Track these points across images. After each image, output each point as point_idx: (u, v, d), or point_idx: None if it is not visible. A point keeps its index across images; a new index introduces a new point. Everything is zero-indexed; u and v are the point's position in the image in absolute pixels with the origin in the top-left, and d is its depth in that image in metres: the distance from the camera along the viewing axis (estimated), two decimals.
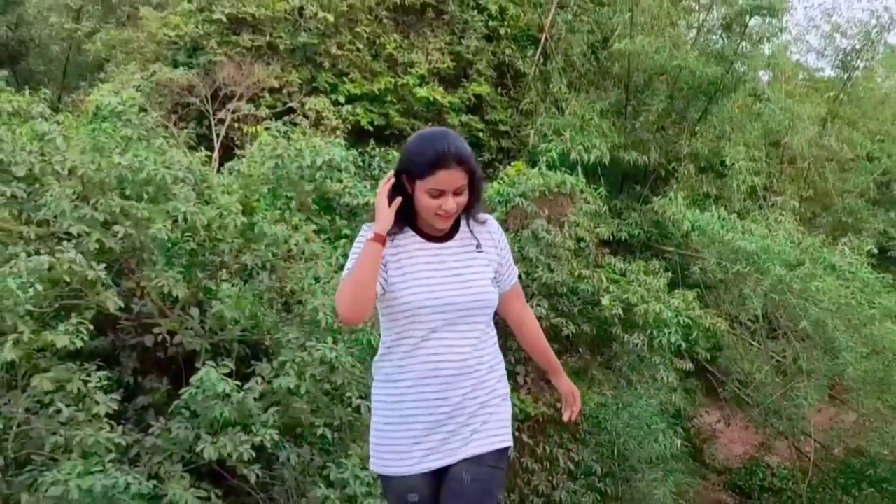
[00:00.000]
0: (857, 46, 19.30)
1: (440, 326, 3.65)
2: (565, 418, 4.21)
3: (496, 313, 4.01)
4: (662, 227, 14.72)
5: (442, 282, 3.68)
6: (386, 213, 3.62)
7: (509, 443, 3.80)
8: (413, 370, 3.68)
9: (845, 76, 19.82)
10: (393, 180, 3.70)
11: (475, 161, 3.76)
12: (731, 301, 14.33)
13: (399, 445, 3.71)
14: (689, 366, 13.10)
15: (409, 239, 3.78)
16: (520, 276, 11.16)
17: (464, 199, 3.69)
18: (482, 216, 3.92)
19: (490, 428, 3.72)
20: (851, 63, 19.60)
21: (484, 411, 3.73)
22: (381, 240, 3.58)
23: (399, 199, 3.67)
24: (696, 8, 17.71)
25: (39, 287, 8.01)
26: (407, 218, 3.76)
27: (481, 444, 3.68)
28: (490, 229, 3.94)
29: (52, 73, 16.89)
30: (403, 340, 3.71)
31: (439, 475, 3.71)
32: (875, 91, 20.63)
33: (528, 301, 10.63)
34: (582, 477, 11.63)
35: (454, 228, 3.84)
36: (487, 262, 3.83)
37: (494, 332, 3.89)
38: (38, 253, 8.38)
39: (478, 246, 3.84)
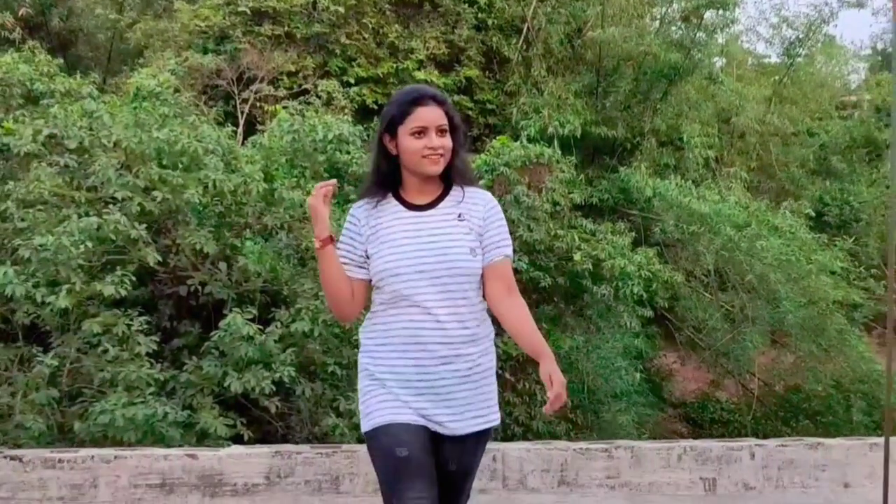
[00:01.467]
0: (800, 36, 19.25)
1: (417, 293, 3.23)
2: (546, 409, 3.31)
3: None
4: (628, 193, 14.65)
5: (417, 248, 3.26)
6: (320, 218, 3.28)
7: (493, 423, 3.36)
8: (393, 337, 3.27)
9: (789, 62, 19.72)
10: (325, 187, 3.33)
11: (453, 109, 3.43)
12: (687, 258, 14.36)
13: (384, 399, 3.25)
14: (649, 313, 13.07)
15: (390, 208, 3.38)
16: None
17: (449, 143, 3.30)
18: (472, 189, 3.46)
19: (472, 409, 3.27)
20: (795, 51, 19.53)
21: (465, 388, 3.27)
22: (325, 244, 3.28)
23: (329, 192, 3.31)
24: (659, 1, 17.61)
25: (89, 244, 8.06)
26: (392, 184, 3.40)
27: (464, 425, 3.25)
28: (479, 201, 3.42)
29: (99, 59, 16.72)
30: (385, 308, 3.31)
31: (426, 437, 3.23)
32: (815, 75, 20.60)
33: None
34: (558, 417, 11.64)
35: (441, 197, 3.39)
36: (468, 230, 3.33)
37: (481, 303, 3.39)
38: (87, 215, 8.43)
39: (459, 216, 3.34)
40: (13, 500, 5.43)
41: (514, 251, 10.77)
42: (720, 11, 16.64)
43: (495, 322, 3.48)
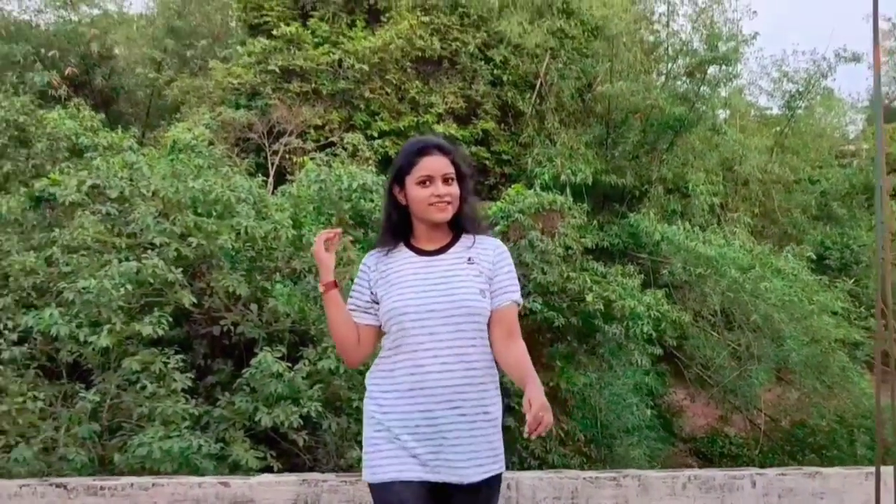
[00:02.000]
0: (800, 89, 19.29)
1: (425, 335, 3.12)
2: (526, 433, 3.03)
3: None
4: (637, 237, 14.62)
5: (426, 289, 3.16)
6: (323, 264, 3.25)
7: (501, 470, 3.24)
8: (400, 382, 3.16)
9: (790, 114, 19.70)
10: (326, 235, 3.28)
11: (461, 157, 3.37)
12: (694, 298, 14.24)
13: (388, 451, 3.13)
14: (659, 352, 13.04)
15: (401, 254, 3.30)
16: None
17: (456, 190, 3.23)
18: (482, 237, 3.39)
19: (480, 455, 3.14)
20: (795, 103, 19.53)
21: (473, 433, 3.13)
22: (329, 288, 3.23)
23: (333, 239, 3.29)
24: (665, 58, 17.70)
25: (129, 287, 8.14)
26: (403, 234, 3.33)
27: (473, 472, 3.11)
28: (489, 247, 3.36)
29: (138, 114, 16.93)
30: (392, 351, 3.20)
31: (429, 494, 3.13)
32: (814, 126, 20.60)
33: (524, 297, 10.63)
34: (570, 443, 11.54)
35: (451, 244, 3.31)
36: (478, 273, 3.24)
37: (488, 348, 3.25)
38: (127, 259, 8.52)
39: (469, 259, 3.26)
40: None
41: (529, 293, 10.81)
42: (723, 67, 16.74)
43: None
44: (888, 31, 29.79)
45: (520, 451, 10.98)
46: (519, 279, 10.42)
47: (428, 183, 3.20)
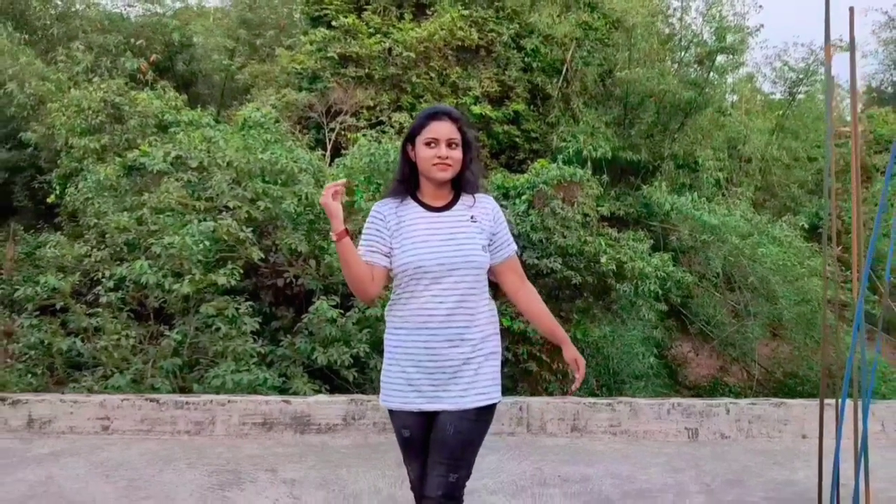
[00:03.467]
0: (800, 77, 19.15)
1: (434, 284, 3.15)
2: (575, 387, 3.42)
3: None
4: (649, 207, 14.58)
5: (437, 245, 3.17)
6: (334, 214, 3.11)
7: (494, 400, 3.24)
8: (408, 321, 3.18)
9: (791, 99, 19.63)
10: (334, 187, 3.14)
11: (469, 127, 3.33)
12: (698, 262, 14.20)
13: (396, 384, 3.21)
14: (664, 308, 13.06)
15: (411, 208, 3.26)
16: (534, 245, 10.97)
17: (458, 154, 3.22)
18: (481, 195, 3.40)
19: (477, 385, 3.17)
20: (796, 89, 19.43)
21: (469, 368, 3.18)
22: (341, 237, 3.14)
23: (342, 187, 3.15)
24: (677, 47, 17.62)
25: (207, 243, 8.41)
26: (412, 188, 3.30)
27: (467, 401, 3.15)
28: (487, 206, 3.37)
29: (214, 96, 17.01)
30: (403, 294, 3.21)
31: (429, 419, 3.22)
32: (813, 110, 20.32)
33: (546, 258, 10.79)
34: (584, 387, 11.72)
35: (453, 202, 3.31)
36: (480, 231, 3.26)
37: (487, 294, 3.33)
38: (205, 220, 8.80)
39: (472, 217, 3.28)
40: (151, 432, 5.91)
41: (550, 254, 10.92)
42: (730, 56, 16.73)
43: (510, 306, 3.50)
44: (885, 23, 29.46)
45: (540, 393, 11.14)
46: (542, 241, 10.54)
47: (433, 144, 3.18)
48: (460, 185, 3.32)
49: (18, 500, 4.60)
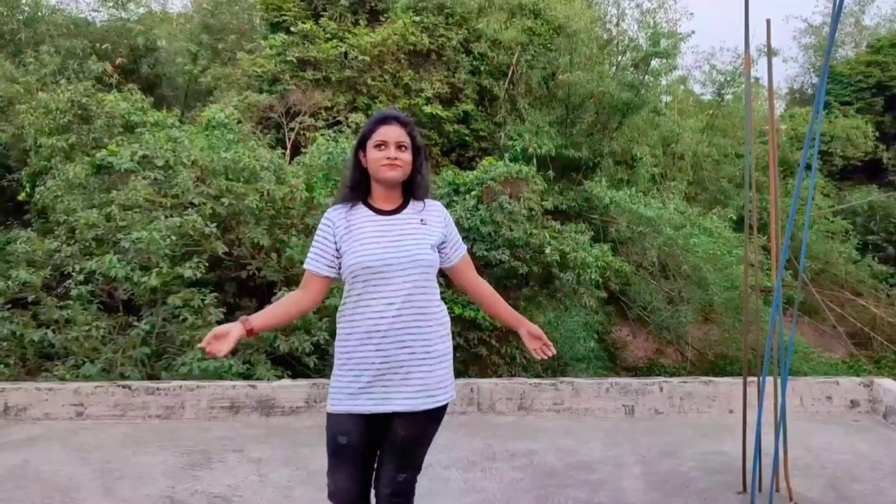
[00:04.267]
0: (728, 79, 19.47)
1: (383, 285, 2.99)
2: (540, 356, 3.37)
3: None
4: (590, 201, 14.73)
5: (385, 245, 3.04)
6: (229, 338, 2.87)
7: (444, 402, 3.11)
8: (358, 325, 3.01)
9: (719, 99, 19.97)
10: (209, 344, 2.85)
11: (417, 133, 3.20)
12: (636, 252, 14.36)
13: (348, 389, 3.04)
14: (604, 295, 13.15)
15: (361, 213, 3.11)
16: (483, 238, 11.03)
17: (407, 156, 3.10)
18: (430, 201, 3.27)
19: (428, 388, 3.04)
20: (724, 91, 19.76)
21: (421, 370, 3.04)
22: (250, 329, 2.96)
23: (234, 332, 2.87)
24: (615, 52, 17.84)
25: (173, 238, 8.39)
26: (362, 193, 3.15)
27: (418, 402, 3.02)
28: (437, 210, 3.25)
29: (178, 97, 16.87)
30: (351, 298, 3.04)
31: (373, 424, 3.06)
32: (740, 110, 20.55)
33: (495, 250, 10.88)
34: (531, 369, 11.82)
35: (403, 206, 3.18)
36: (430, 234, 3.15)
37: (436, 292, 3.18)
38: (172, 216, 8.76)
39: (422, 220, 3.16)
40: (124, 417, 5.90)
41: (499, 246, 10.95)
42: (664, 60, 16.99)
43: (460, 295, 3.40)
44: (804, 29, 30.06)
45: (489, 377, 11.24)
46: (491, 234, 10.55)
47: (383, 147, 3.06)
48: (410, 190, 3.20)
49: None
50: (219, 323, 8.27)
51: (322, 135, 11.97)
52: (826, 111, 22.51)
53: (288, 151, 12.93)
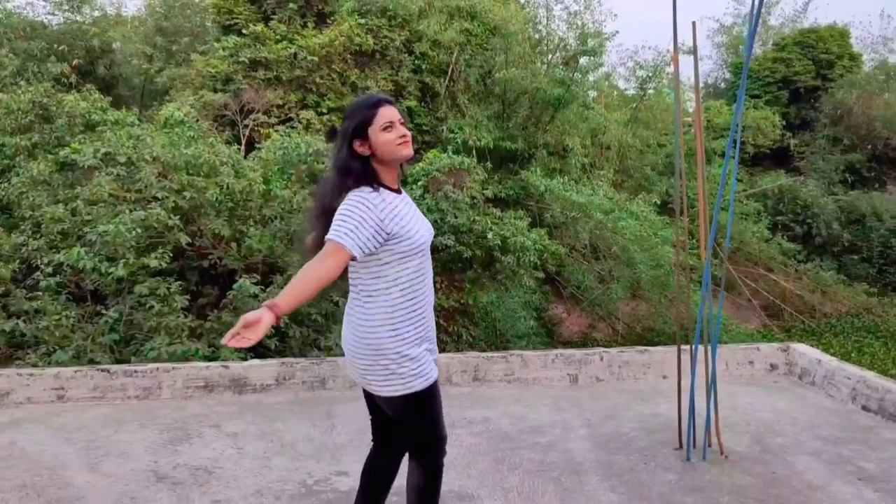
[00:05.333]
0: (650, 75, 19.76)
1: (425, 258, 2.96)
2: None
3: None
4: (527, 189, 14.85)
5: (422, 222, 2.97)
6: (261, 325, 2.59)
7: None
8: (425, 297, 2.94)
9: (642, 94, 20.23)
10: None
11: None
12: (569, 235, 14.49)
13: (427, 360, 2.97)
14: (542, 276, 13.33)
15: (389, 195, 2.88)
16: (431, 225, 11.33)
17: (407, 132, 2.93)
18: None
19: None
20: (646, 86, 20.02)
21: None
22: (278, 311, 2.63)
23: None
24: (547, 50, 18.01)
25: (138, 230, 8.24)
26: (374, 179, 2.88)
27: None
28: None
29: (135, 97, 16.59)
30: (404, 274, 2.87)
31: None
32: (660, 103, 20.87)
33: (441, 236, 10.95)
34: (477, 346, 11.84)
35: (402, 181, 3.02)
36: None
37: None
38: (136, 210, 8.64)
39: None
40: (104, 398, 5.85)
41: (445, 232, 11.03)
42: (591, 58, 17.20)
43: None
44: (717, 29, 30.63)
45: (441, 349, 11.29)
46: (437, 221, 10.62)
47: (391, 127, 2.87)
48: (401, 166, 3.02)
49: None
50: (183, 309, 8.34)
51: (276, 131, 11.88)
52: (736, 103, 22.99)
53: (243, 147, 12.78)
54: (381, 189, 2.88)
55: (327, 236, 2.77)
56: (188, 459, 4.63)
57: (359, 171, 2.89)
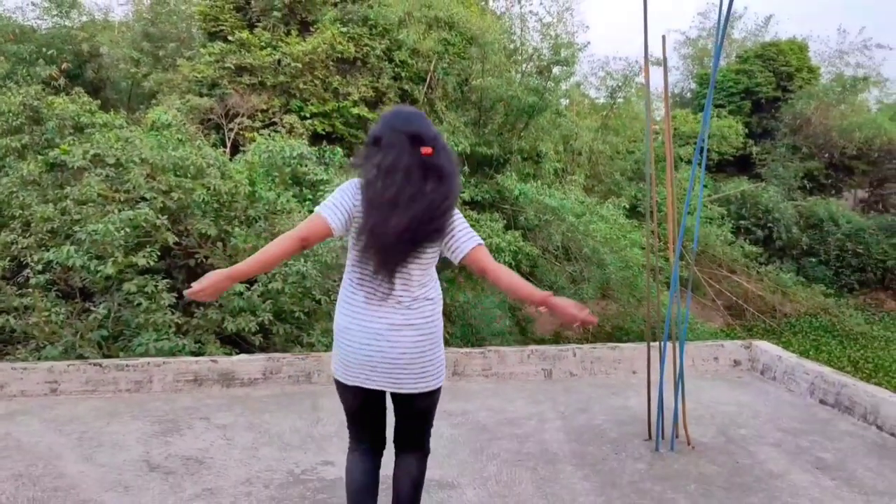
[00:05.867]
0: (620, 84, 19.92)
1: None
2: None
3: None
4: (502, 193, 14.83)
5: None
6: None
7: None
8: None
9: (612, 102, 20.39)
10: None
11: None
12: (542, 237, 14.55)
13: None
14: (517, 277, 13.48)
15: None
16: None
17: None
18: None
19: None
20: (616, 95, 20.19)
21: None
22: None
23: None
24: (521, 60, 18.07)
25: (127, 230, 8.23)
26: None
27: None
28: None
29: (122, 100, 16.41)
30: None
31: None
32: (629, 112, 21.00)
33: None
34: (454, 344, 11.92)
35: None
36: None
37: None
38: (124, 210, 8.62)
39: None
40: (96, 391, 5.83)
41: None
42: (563, 67, 17.30)
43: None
44: (683, 41, 30.93)
45: None
46: None
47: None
48: None
49: None
50: (170, 307, 8.32)
51: (260, 134, 11.87)
52: (703, 113, 23.24)
53: (228, 150, 12.74)
54: None
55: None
56: (179, 450, 4.65)
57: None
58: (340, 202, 2.82)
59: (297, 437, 4.92)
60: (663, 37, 5.01)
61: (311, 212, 3.16)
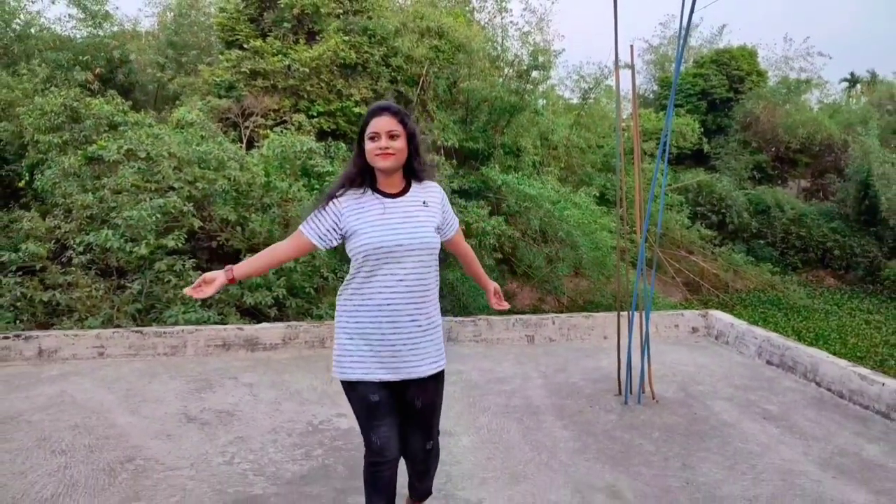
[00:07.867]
0: (591, 86, 19.95)
1: (395, 265, 2.61)
2: (496, 307, 3.15)
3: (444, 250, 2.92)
4: (487, 183, 14.85)
5: (394, 226, 2.63)
6: (214, 282, 2.65)
7: (443, 366, 2.81)
8: (371, 299, 2.64)
9: (584, 102, 20.42)
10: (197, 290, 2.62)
11: (410, 119, 2.75)
12: (522, 222, 14.60)
13: (357, 357, 2.69)
14: (500, 256, 13.53)
15: (369, 197, 2.69)
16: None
17: (399, 144, 2.66)
18: (428, 182, 2.81)
19: (430, 355, 2.73)
20: (588, 96, 20.23)
21: (424, 339, 2.70)
22: (230, 277, 2.71)
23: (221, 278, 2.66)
24: (503, 65, 18.06)
25: (158, 216, 8.38)
26: (368, 181, 2.73)
27: (423, 369, 2.71)
28: (435, 191, 2.80)
29: (149, 101, 16.37)
30: (361, 275, 2.66)
31: (390, 387, 2.72)
32: (599, 111, 20.97)
33: None
34: (446, 316, 11.98)
35: (406, 189, 2.74)
36: (432, 214, 2.73)
37: (436, 268, 2.77)
38: (155, 198, 8.75)
39: (424, 202, 2.72)
40: (138, 355, 5.92)
41: None
42: (541, 71, 17.34)
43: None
44: (646, 48, 30.95)
45: None
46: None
47: (376, 138, 2.66)
48: (412, 174, 2.79)
49: (43, 407, 4.61)
50: None
51: (273, 131, 11.86)
52: (664, 112, 23.35)
53: (244, 146, 12.72)
54: (365, 192, 2.73)
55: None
56: (212, 404, 4.75)
57: (358, 168, 2.76)
58: (321, 220, 2.76)
59: (315, 393, 5.03)
60: (631, 46, 5.11)
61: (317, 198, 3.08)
